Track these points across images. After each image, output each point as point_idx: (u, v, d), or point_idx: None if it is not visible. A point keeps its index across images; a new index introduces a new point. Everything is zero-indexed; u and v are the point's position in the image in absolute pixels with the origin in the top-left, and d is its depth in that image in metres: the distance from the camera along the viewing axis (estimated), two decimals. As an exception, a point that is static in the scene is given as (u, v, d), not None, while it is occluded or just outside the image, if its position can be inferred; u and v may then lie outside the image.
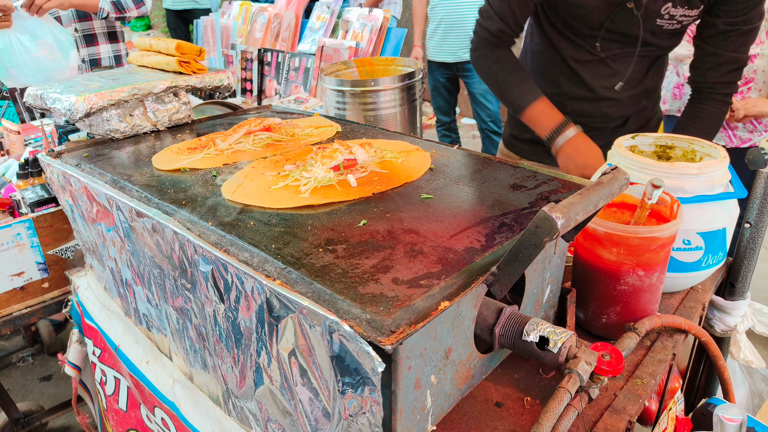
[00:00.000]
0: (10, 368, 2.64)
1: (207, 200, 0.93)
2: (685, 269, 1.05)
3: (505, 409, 0.82)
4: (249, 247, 0.76)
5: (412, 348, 0.63)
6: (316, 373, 0.66)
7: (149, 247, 0.94)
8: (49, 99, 1.30)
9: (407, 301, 0.62)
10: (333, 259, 0.72)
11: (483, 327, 0.77)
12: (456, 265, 0.70)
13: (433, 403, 0.72)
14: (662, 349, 0.95)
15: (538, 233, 0.60)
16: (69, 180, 1.15)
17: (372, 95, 1.61)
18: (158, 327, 1.08)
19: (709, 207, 1.01)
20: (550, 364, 0.75)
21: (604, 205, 0.70)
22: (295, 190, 0.93)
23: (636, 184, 1.00)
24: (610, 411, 0.82)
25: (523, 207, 0.86)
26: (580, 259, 0.96)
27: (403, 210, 0.86)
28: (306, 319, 0.63)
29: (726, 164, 1.03)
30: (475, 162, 1.06)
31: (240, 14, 2.91)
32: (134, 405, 1.23)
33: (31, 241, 1.39)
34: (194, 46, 1.44)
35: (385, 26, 2.25)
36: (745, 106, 2.00)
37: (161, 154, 1.17)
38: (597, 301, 0.95)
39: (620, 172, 0.74)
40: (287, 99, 2.34)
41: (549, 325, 0.75)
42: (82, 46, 2.66)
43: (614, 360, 0.75)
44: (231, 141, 1.19)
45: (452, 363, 0.74)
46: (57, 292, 1.47)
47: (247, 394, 0.83)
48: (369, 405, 0.59)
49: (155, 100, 1.35)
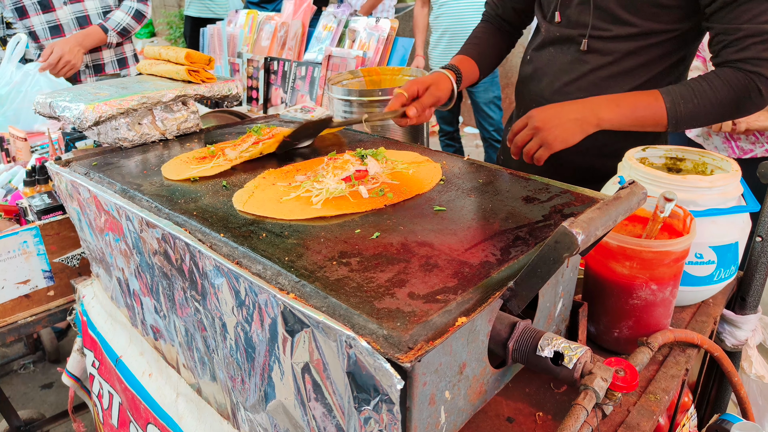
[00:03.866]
0: (11, 375, 2.62)
1: (218, 211, 0.92)
2: (698, 283, 1.04)
3: (516, 424, 0.81)
4: (262, 259, 0.75)
5: (428, 364, 0.63)
6: (330, 388, 0.65)
7: (158, 257, 0.93)
8: (59, 107, 1.30)
9: (424, 316, 0.62)
10: (347, 272, 0.72)
11: (496, 341, 0.77)
12: (472, 279, 0.69)
13: (446, 419, 0.72)
14: (675, 364, 0.94)
15: (557, 248, 0.60)
16: (77, 189, 1.15)
17: (379, 105, 1.62)
18: (166, 338, 1.07)
19: (722, 220, 1.01)
20: (565, 379, 0.74)
21: (622, 219, 0.69)
22: (306, 201, 0.93)
23: (648, 197, 0.99)
24: (623, 427, 0.81)
25: (537, 220, 0.85)
26: (591, 272, 0.95)
27: (417, 222, 0.86)
28: (321, 333, 0.62)
29: (738, 177, 1.03)
30: (487, 174, 1.06)
31: (246, 23, 2.92)
32: (124, 423, 1.22)
33: (38, 248, 1.38)
34: (204, 55, 1.45)
35: (392, 36, 2.26)
36: (748, 120, 2.00)
37: (170, 163, 1.17)
38: (609, 315, 0.94)
39: (638, 187, 0.73)
40: (293, 108, 2.34)
41: (563, 340, 0.74)
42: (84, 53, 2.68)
43: (629, 376, 0.74)
44: (240, 150, 1.19)
45: (466, 378, 0.73)
46: (62, 301, 1.46)
47: (258, 408, 0.82)
48: (386, 422, 0.58)
49: (164, 108, 1.35)
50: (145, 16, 2.73)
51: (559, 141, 1.16)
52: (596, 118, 1.15)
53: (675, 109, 1.14)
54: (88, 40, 2.55)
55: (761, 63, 1.10)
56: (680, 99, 1.14)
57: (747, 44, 1.10)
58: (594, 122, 1.16)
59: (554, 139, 1.15)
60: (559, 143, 1.16)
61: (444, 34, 3.56)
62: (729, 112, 1.16)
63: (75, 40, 2.49)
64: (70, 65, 2.46)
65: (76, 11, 2.59)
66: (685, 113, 1.14)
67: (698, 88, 1.14)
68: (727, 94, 1.12)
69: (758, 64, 1.10)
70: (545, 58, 1.44)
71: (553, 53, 1.42)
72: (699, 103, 1.13)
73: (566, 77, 1.37)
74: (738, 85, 1.12)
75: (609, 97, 1.19)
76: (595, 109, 1.16)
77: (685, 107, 1.14)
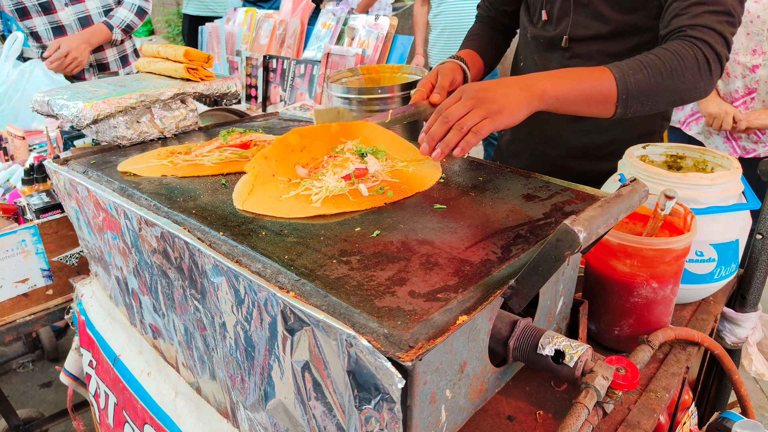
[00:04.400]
0: (10, 374, 2.62)
1: (217, 209, 0.92)
2: (698, 281, 1.04)
3: (517, 422, 0.81)
4: (261, 257, 0.75)
5: (428, 363, 0.62)
6: (330, 387, 0.65)
7: (157, 256, 0.93)
8: (57, 105, 1.29)
9: (425, 315, 0.61)
10: (347, 270, 0.71)
11: (497, 340, 0.76)
12: (473, 277, 0.69)
13: (447, 418, 0.71)
14: (675, 362, 0.94)
15: (559, 247, 0.60)
16: (76, 187, 1.14)
17: (378, 103, 1.61)
18: (165, 337, 1.07)
19: (723, 218, 1.00)
20: (566, 378, 0.73)
21: (623, 217, 0.69)
22: (306, 199, 0.92)
23: (649, 195, 0.99)
24: (624, 426, 0.81)
25: (537, 218, 0.85)
26: (592, 270, 0.95)
27: (417, 221, 0.85)
28: (321, 332, 0.62)
29: (739, 175, 1.02)
30: (487, 171, 1.05)
31: (245, 21, 2.91)
32: (120, 423, 1.22)
33: (36, 247, 1.38)
34: (202, 52, 1.44)
35: (391, 34, 2.25)
36: (748, 118, 1.99)
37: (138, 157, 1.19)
38: (609, 313, 0.94)
39: (639, 185, 0.73)
40: (292, 106, 2.33)
41: (564, 339, 0.74)
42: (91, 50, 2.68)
43: (630, 374, 0.74)
44: (198, 152, 1.18)
45: (467, 377, 0.73)
46: (61, 299, 1.45)
47: (257, 407, 0.82)
48: (387, 421, 0.58)
49: (163, 106, 1.34)
50: (147, 13, 2.73)
51: (507, 112, 0.96)
52: (539, 89, 1.00)
53: (624, 80, 1.02)
54: (95, 37, 2.56)
55: (710, 33, 1.03)
56: (628, 70, 1.02)
57: (699, 11, 1.04)
58: (537, 93, 1.00)
59: (501, 109, 0.96)
60: (506, 115, 0.96)
61: (443, 32, 3.56)
62: (680, 87, 1.04)
63: (82, 38, 2.50)
64: (77, 62, 2.46)
65: (78, 12, 2.59)
66: (635, 85, 1.02)
67: (646, 60, 1.03)
68: (677, 65, 1.02)
69: (707, 33, 1.03)
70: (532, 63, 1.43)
71: (538, 59, 1.41)
72: (649, 74, 1.02)
73: None
74: (686, 56, 1.02)
75: (552, 71, 1.06)
76: (537, 79, 1.02)
77: (634, 78, 1.02)
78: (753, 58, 1.95)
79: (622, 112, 1.04)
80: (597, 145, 1.39)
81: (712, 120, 2.08)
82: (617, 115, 1.04)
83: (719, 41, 1.03)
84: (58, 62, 2.42)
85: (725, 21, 1.04)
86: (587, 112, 1.06)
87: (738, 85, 2.03)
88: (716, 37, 1.03)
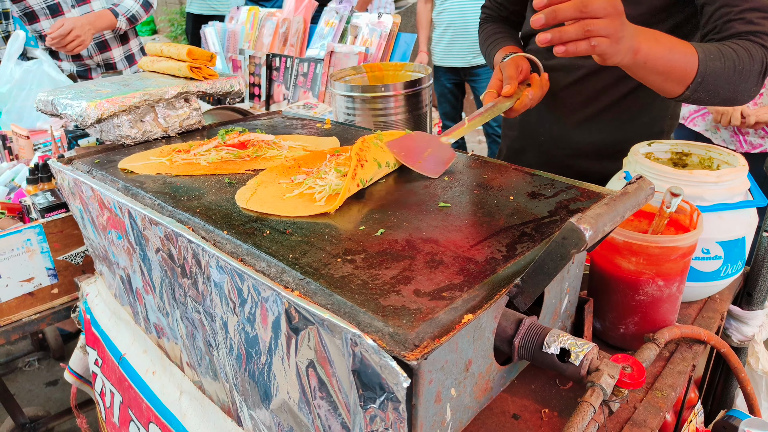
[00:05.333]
0: (17, 373, 2.63)
1: (221, 208, 0.92)
2: (704, 279, 1.03)
3: (522, 421, 0.80)
4: (266, 256, 0.75)
5: (434, 361, 0.62)
6: (335, 386, 0.64)
7: (161, 255, 0.93)
8: (60, 105, 1.30)
9: (430, 313, 0.61)
10: (352, 269, 0.71)
11: (502, 338, 0.76)
12: (478, 276, 0.68)
13: (452, 417, 0.71)
14: (681, 360, 0.93)
15: (565, 245, 0.59)
16: (80, 186, 1.14)
17: (382, 101, 1.61)
18: (169, 336, 1.07)
19: (729, 215, 1.00)
20: (571, 376, 0.73)
21: (629, 215, 0.69)
22: (310, 198, 0.92)
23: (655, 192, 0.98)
24: (630, 424, 0.81)
25: (543, 216, 0.85)
26: (597, 268, 0.95)
27: (421, 219, 0.85)
28: (326, 331, 0.62)
29: (745, 172, 1.02)
30: (491, 169, 1.05)
31: (248, 19, 2.91)
32: (125, 421, 1.22)
33: (41, 246, 1.38)
34: (205, 51, 1.44)
35: (394, 32, 2.24)
36: (757, 113, 1.98)
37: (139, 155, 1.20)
38: (615, 311, 0.94)
39: (645, 182, 0.72)
40: (296, 104, 2.34)
41: (570, 337, 0.74)
42: (95, 54, 2.68)
43: (636, 372, 0.74)
44: (196, 151, 1.18)
45: (472, 375, 0.72)
46: (66, 298, 1.46)
47: (261, 406, 0.82)
48: (392, 420, 0.58)
49: (166, 105, 1.34)
50: (152, 6, 2.73)
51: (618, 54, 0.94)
52: (638, 44, 0.96)
53: (706, 63, 0.99)
54: (100, 21, 2.54)
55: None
56: (710, 54, 1.00)
57: (755, 18, 1.02)
58: (636, 46, 0.96)
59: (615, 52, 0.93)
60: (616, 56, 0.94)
61: (447, 30, 3.55)
62: (742, 86, 1.03)
63: (87, 20, 2.48)
64: (79, 40, 2.43)
65: (84, 13, 2.59)
66: (711, 71, 1.00)
67: (725, 50, 1.01)
68: (748, 64, 1.01)
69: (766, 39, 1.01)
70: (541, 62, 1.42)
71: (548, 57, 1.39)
72: (725, 64, 1.00)
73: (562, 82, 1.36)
74: (756, 58, 1.01)
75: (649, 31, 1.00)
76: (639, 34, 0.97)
77: (713, 64, 1.00)
78: None
79: (689, 95, 1.02)
80: (604, 145, 1.38)
81: (720, 116, 2.07)
82: (683, 97, 1.03)
83: None
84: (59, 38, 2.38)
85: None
86: (660, 84, 1.03)
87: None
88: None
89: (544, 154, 1.48)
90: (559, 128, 1.42)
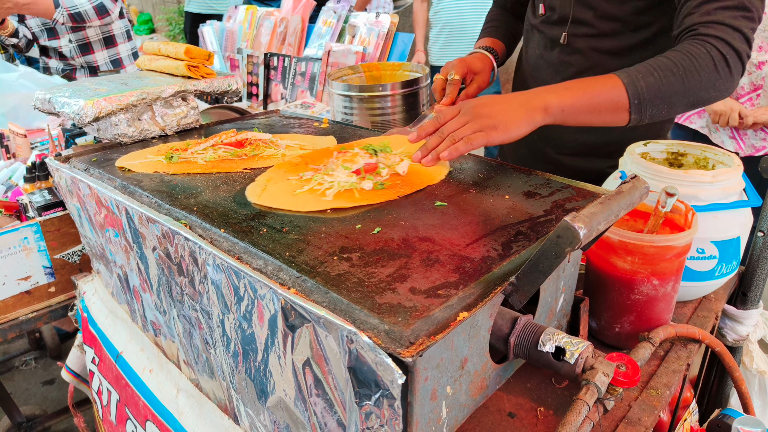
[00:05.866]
0: (13, 372, 2.63)
1: (218, 206, 0.92)
2: (699, 278, 1.04)
3: (518, 419, 0.81)
4: (263, 254, 0.75)
5: (429, 359, 0.62)
6: (331, 383, 0.65)
7: (158, 253, 0.93)
8: (58, 103, 1.30)
9: (425, 311, 0.61)
10: (348, 267, 0.71)
11: (498, 337, 0.76)
12: (473, 274, 0.69)
13: (448, 414, 0.72)
14: (676, 359, 0.94)
15: (559, 243, 0.60)
16: (77, 185, 1.14)
17: (379, 100, 1.61)
18: (166, 334, 1.07)
19: (724, 215, 1.00)
20: (567, 375, 0.74)
21: (624, 214, 0.69)
22: (319, 194, 0.94)
23: (650, 192, 0.99)
24: (625, 422, 0.81)
25: (538, 215, 0.85)
26: (592, 267, 0.95)
27: (418, 217, 0.85)
28: (322, 329, 0.62)
29: (740, 172, 1.02)
30: (488, 168, 1.05)
31: (246, 18, 2.91)
32: (122, 419, 1.22)
33: (38, 245, 1.38)
34: (203, 50, 1.44)
35: (392, 31, 2.25)
36: (754, 114, 1.99)
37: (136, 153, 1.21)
38: (610, 310, 0.94)
39: (640, 181, 0.73)
40: (294, 104, 2.34)
41: (565, 335, 0.74)
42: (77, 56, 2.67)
43: (630, 371, 0.74)
44: (193, 150, 1.18)
45: (467, 373, 0.73)
46: (63, 297, 1.46)
47: (258, 404, 0.82)
48: (387, 417, 0.58)
49: (164, 104, 1.34)
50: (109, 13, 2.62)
51: (502, 128, 0.95)
52: (541, 103, 0.98)
53: (634, 84, 0.98)
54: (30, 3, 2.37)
55: (724, 29, 0.98)
56: (637, 74, 0.98)
57: (711, 8, 1.00)
58: (539, 106, 0.97)
59: (496, 125, 0.95)
60: (501, 131, 0.95)
61: (444, 29, 3.56)
62: (696, 87, 0.99)
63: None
64: None
65: None
66: (647, 89, 0.98)
67: (656, 63, 0.99)
68: (689, 65, 0.97)
69: (720, 29, 0.98)
70: (533, 59, 1.42)
71: (540, 54, 1.40)
72: (660, 76, 0.98)
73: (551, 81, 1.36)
74: (698, 54, 0.97)
75: (558, 84, 1.03)
76: (539, 93, 1.00)
77: (645, 81, 0.98)
78: (759, 55, 1.95)
79: (637, 118, 1.01)
80: (597, 144, 1.39)
81: (718, 117, 2.07)
82: (633, 121, 1.01)
83: (735, 36, 0.98)
84: None
85: (741, 16, 0.99)
86: (600, 121, 1.03)
87: (744, 81, 2.02)
88: (731, 33, 0.98)
89: (538, 152, 1.49)
90: (550, 127, 1.43)
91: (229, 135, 1.23)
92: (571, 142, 1.41)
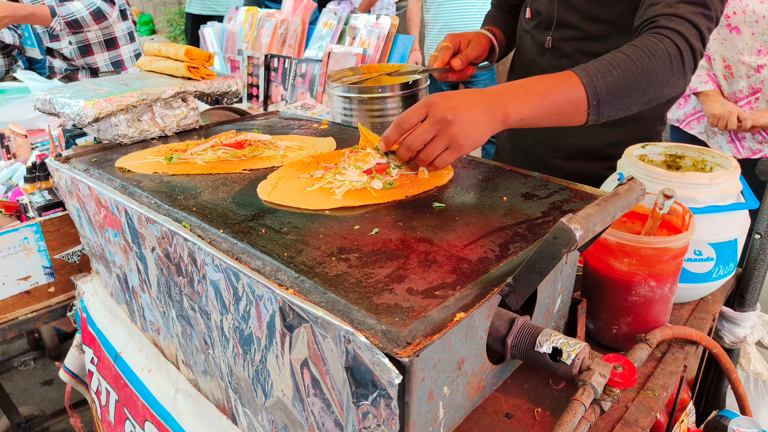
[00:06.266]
0: (12, 372, 2.63)
1: (217, 207, 0.93)
2: (696, 280, 1.04)
3: (515, 420, 0.81)
4: (261, 255, 0.75)
5: (426, 359, 0.63)
6: (329, 383, 0.65)
7: (157, 253, 0.93)
8: (58, 104, 1.30)
9: (422, 312, 0.62)
10: (346, 268, 0.72)
11: (495, 337, 0.77)
12: (471, 275, 0.69)
13: (445, 415, 0.72)
14: (673, 360, 0.94)
15: (556, 244, 0.60)
16: (77, 185, 1.15)
17: (379, 102, 1.61)
18: (165, 334, 1.07)
19: (721, 217, 1.01)
20: (563, 375, 0.74)
21: (620, 215, 0.70)
22: (329, 192, 0.95)
23: (647, 194, 0.99)
24: (621, 423, 0.82)
25: (536, 216, 0.85)
26: (590, 269, 0.96)
27: (415, 219, 0.86)
28: (320, 329, 0.62)
29: (737, 174, 1.03)
30: (486, 170, 1.06)
31: (246, 20, 2.92)
32: (121, 420, 1.22)
33: (38, 245, 1.39)
34: (203, 51, 1.45)
35: (392, 33, 2.25)
36: (753, 117, 1.99)
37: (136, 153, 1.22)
38: (608, 311, 0.95)
39: (637, 183, 0.73)
40: (294, 105, 2.34)
41: (562, 336, 0.74)
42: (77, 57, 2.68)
43: (627, 372, 0.74)
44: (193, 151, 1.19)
45: (465, 374, 0.73)
46: (63, 297, 1.46)
47: (256, 404, 0.82)
48: (384, 417, 0.59)
49: (164, 105, 1.35)
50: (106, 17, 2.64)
51: (472, 140, 0.91)
52: (502, 112, 0.93)
53: (594, 85, 0.95)
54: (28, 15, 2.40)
55: (684, 24, 0.96)
56: (597, 73, 0.95)
57: (674, 1, 0.98)
58: (500, 116, 0.93)
59: (467, 137, 0.90)
60: (470, 143, 0.92)
61: (442, 31, 3.56)
62: (652, 86, 0.97)
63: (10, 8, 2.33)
64: None
65: None
66: (605, 89, 0.95)
67: (615, 60, 0.96)
68: (648, 63, 0.95)
69: (681, 24, 0.96)
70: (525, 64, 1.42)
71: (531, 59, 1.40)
72: (619, 75, 0.95)
73: None
74: (657, 51, 0.95)
75: (518, 83, 0.97)
76: (501, 99, 0.94)
77: (604, 81, 0.95)
78: (758, 58, 1.95)
79: (594, 118, 0.99)
80: (593, 148, 1.39)
81: (717, 120, 2.07)
82: (590, 122, 0.99)
83: (694, 34, 0.97)
84: None
85: (701, 13, 0.98)
86: (557, 123, 1.00)
87: (742, 84, 2.02)
88: (690, 29, 0.97)
89: (533, 155, 1.49)
90: (544, 131, 1.43)
91: (229, 136, 1.23)
92: (567, 146, 1.41)
